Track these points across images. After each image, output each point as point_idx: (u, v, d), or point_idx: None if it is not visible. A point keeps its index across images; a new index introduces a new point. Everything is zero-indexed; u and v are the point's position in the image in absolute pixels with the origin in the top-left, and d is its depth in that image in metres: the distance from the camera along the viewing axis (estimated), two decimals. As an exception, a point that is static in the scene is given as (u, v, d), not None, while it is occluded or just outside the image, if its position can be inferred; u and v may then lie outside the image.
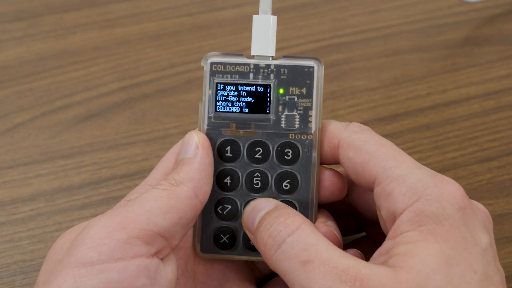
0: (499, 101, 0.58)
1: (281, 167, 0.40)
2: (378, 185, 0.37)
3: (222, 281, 0.41)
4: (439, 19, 0.65)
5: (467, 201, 0.35)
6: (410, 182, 0.36)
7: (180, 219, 0.36)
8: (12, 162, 0.54)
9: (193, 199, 0.37)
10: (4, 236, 0.50)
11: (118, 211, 0.36)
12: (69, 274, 0.34)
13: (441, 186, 0.35)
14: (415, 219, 0.34)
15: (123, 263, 0.34)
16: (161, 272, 0.36)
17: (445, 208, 0.34)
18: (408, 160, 0.37)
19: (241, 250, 0.40)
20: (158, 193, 0.37)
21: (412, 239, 0.34)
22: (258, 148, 0.40)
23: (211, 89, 0.40)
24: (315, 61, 0.40)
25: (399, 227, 0.35)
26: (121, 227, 0.35)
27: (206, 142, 0.39)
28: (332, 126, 0.40)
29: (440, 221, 0.34)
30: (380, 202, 0.37)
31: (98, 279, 0.34)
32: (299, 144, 0.40)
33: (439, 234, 0.34)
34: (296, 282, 0.34)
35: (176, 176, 0.38)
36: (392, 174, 0.36)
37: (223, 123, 0.40)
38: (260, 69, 0.40)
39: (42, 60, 0.62)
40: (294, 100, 0.40)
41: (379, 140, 0.38)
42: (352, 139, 0.38)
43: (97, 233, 0.35)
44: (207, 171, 0.38)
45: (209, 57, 0.40)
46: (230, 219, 0.40)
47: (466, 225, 0.34)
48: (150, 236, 0.35)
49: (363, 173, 0.37)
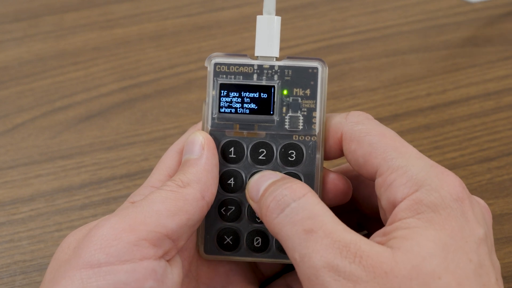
0: (499, 101, 0.58)
1: (284, 168, 0.40)
2: (380, 176, 0.37)
3: (225, 283, 0.41)
4: (439, 19, 0.65)
5: (465, 192, 0.36)
6: (410, 172, 0.36)
7: (188, 221, 0.36)
8: (12, 162, 0.54)
9: (200, 200, 0.37)
10: (4, 236, 0.50)
11: (126, 212, 0.36)
12: (76, 275, 0.34)
13: (441, 177, 0.36)
14: (413, 207, 0.35)
15: (131, 265, 0.34)
16: (168, 275, 0.36)
17: (443, 198, 0.35)
18: (409, 150, 0.37)
19: (244, 252, 0.40)
20: (166, 194, 0.37)
21: (410, 225, 0.34)
22: (262, 149, 0.40)
23: (214, 90, 0.40)
24: (319, 62, 0.40)
25: (398, 214, 0.35)
26: (130, 229, 0.35)
27: (211, 143, 0.39)
28: (334, 121, 0.40)
29: (438, 210, 0.34)
30: (381, 192, 0.37)
31: (105, 280, 0.33)
32: (303, 146, 0.40)
33: (436, 222, 0.34)
34: (296, 250, 0.34)
35: (183, 177, 0.37)
36: (393, 165, 0.36)
37: (226, 124, 0.40)
38: (264, 70, 0.40)
39: (42, 61, 0.62)
40: (298, 101, 0.40)
41: (380, 130, 0.38)
42: (353, 131, 0.38)
43: (105, 235, 0.34)
44: (213, 172, 0.38)
45: (212, 57, 0.40)
46: (234, 220, 0.40)
47: (463, 215, 0.35)
48: (158, 238, 0.35)
49: (365, 164, 0.38)
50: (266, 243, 0.40)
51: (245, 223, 0.40)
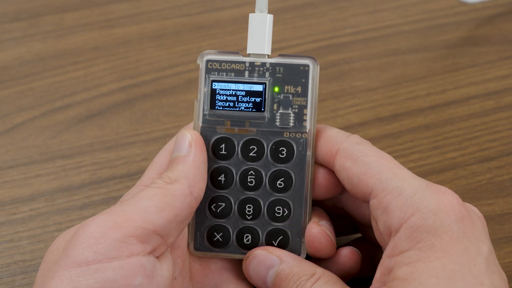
0: (499, 101, 0.58)
1: (275, 165, 0.40)
2: (375, 197, 0.37)
3: (218, 281, 0.41)
4: (439, 19, 0.65)
5: (464, 210, 0.35)
6: (405, 194, 0.35)
7: (176, 217, 0.36)
8: (12, 162, 0.54)
9: (188, 196, 0.37)
10: (4, 236, 0.50)
11: (113, 210, 0.36)
12: (65, 274, 0.34)
13: (437, 196, 0.35)
14: (412, 236, 0.34)
15: (118, 262, 0.34)
16: (158, 270, 0.36)
17: (442, 220, 0.34)
18: (404, 171, 0.37)
19: (234, 249, 0.40)
20: (153, 191, 0.37)
21: (411, 260, 0.34)
22: (253, 146, 0.40)
23: (206, 87, 0.40)
24: (310, 60, 0.40)
25: (397, 245, 0.35)
26: (116, 226, 0.35)
27: (199, 140, 0.39)
28: (333, 133, 0.40)
29: (439, 234, 0.34)
30: (377, 215, 0.36)
31: (94, 278, 0.33)
32: (293, 143, 0.40)
33: (439, 249, 0.33)
34: None
35: (170, 174, 0.38)
36: (388, 186, 0.36)
37: (218, 120, 0.40)
38: (255, 67, 0.40)
39: (42, 60, 0.62)
40: (289, 98, 0.40)
41: (377, 153, 0.38)
42: (351, 149, 0.38)
43: (92, 233, 0.35)
44: (201, 168, 0.38)
45: (204, 54, 0.40)
46: (224, 217, 0.40)
47: (465, 235, 0.34)
48: (146, 234, 0.35)
49: (359, 184, 0.37)
50: (256, 240, 0.40)
51: (235, 220, 0.40)
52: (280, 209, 0.40)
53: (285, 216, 0.40)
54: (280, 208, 0.40)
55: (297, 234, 0.40)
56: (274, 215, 0.40)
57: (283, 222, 0.40)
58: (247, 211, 0.40)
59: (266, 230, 0.40)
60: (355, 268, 0.40)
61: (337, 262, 0.39)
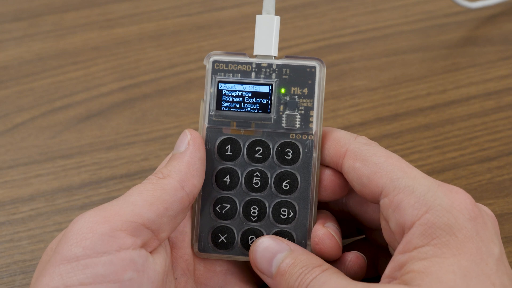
0: (499, 101, 0.58)
1: (281, 167, 0.40)
2: (385, 196, 0.37)
3: (222, 284, 0.41)
4: (439, 19, 0.65)
5: (477, 210, 0.35)
6: (418, 192, 0.35)
7: (166, 210, 0.36)
8: (12, 162, 0.54)
9: (179, 190, 0.37)
10: (4, 236, 0.50)
11: (102, 206, 0.36)
12: (56, 271, 0.34)
13: (450, 195, 0.35)
14: (427, 232, 0.34)
15: (108, 257, 0.34)
16: (150, 265, 0.35)
17: (456, 218, 0.34)
18: (414, 171, 0.37)
19: (239, 251, 0.40)
20: (144, 186, 0.37)
21: (427, 255, 0.34)
22: (258, 147, 0.40)
23: (212, 88, 0.40)
24: (317, 61, 0.40)
25: (411, 241, 0.35)
26: (103, 220, 0.35)
27: (198, 138, 0.39)
28: (341, 135, 0.39)
29: (454, 232, 0.34)
30: (388, 213, 0.36)
31: (84, 274, 0.33)
32: (299, 144, 0.40)
33: (454, 246, 0.33)
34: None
35: (164, 170, 0.38)
36: (400, 185, 0.36)
37: (223, 121, 0.40)
38: (262, 68, 0.40)
39: (42, 60, 0.62)
40: (296, 100, 0.40)
41: (386, 153, 0.38)
42: (360, 150, 0.38)
43: (80, 228, 0.35)
44: (197, 164, 0.38)
45: (211, 55, 0.40)
46: (229, 218, 0.40)
47: (478, 235, 0.34)
48: (135, 227, 0.35)
49: (369, 184, 0.37)
50: None
51: (240, 222, 0.40)
52: (285, 211, 0.40)
53: (290, 218, 0.40)
54: (285, 210, 0.40)
55: (302, 236, 0.40)
56: (279, 217, 0.40)
57: (288, 224, 0.40)
58: (252, 212, 0.40)
59: (271, 231, 0.40)
60: (360, 273, 0.40)
61: (342, 267, 0.39)
